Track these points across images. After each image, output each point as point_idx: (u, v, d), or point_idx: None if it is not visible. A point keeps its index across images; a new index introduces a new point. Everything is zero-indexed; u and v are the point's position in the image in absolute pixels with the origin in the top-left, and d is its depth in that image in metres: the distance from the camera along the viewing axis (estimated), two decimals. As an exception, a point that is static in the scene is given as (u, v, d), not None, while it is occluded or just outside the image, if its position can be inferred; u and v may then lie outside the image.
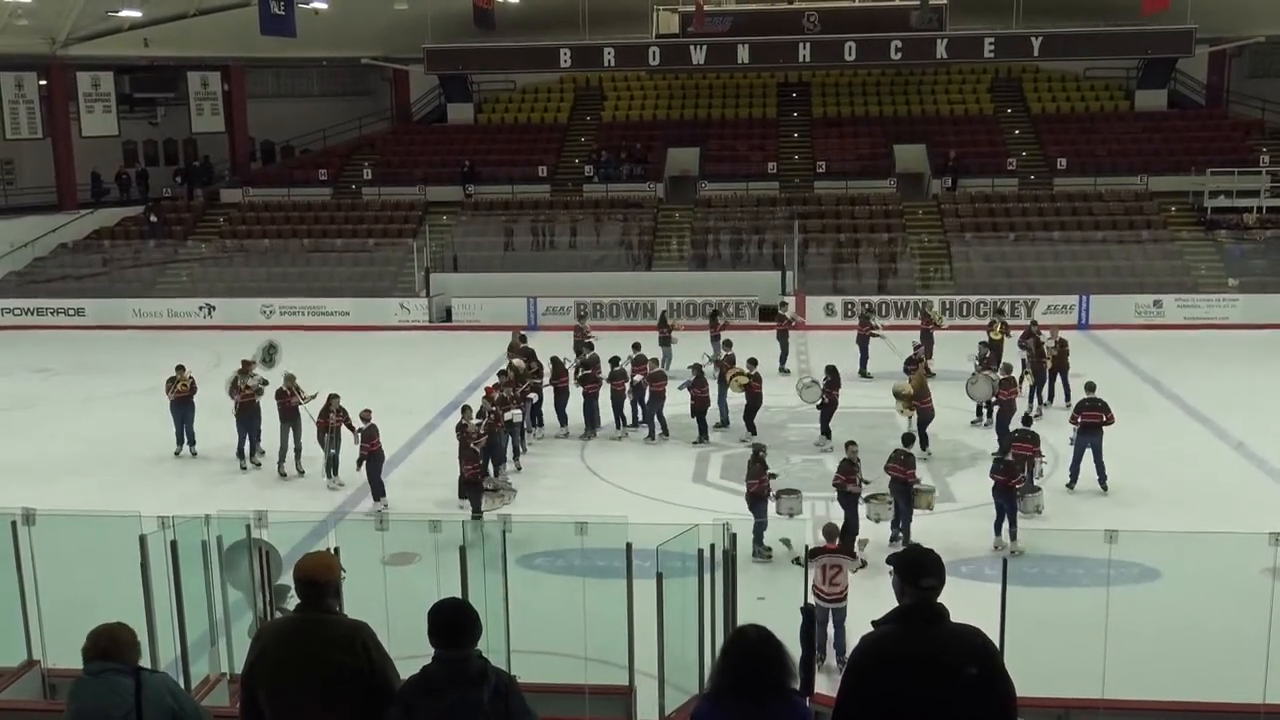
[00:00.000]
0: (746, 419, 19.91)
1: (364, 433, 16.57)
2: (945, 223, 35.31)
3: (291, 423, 18.28)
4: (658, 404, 20.03)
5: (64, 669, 8.65)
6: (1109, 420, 16.60)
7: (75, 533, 11.19)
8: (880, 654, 4.50)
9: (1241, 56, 39.86)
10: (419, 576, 10.61)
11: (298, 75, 43.89)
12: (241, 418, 18.67)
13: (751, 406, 19.89)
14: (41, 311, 33.74)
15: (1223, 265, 32.76)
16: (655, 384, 20.11)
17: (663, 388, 20.13)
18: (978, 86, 41.52)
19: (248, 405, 18.64)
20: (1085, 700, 8.73)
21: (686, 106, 42.20)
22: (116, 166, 40.37)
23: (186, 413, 19.37)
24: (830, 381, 19.66)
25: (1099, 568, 10.36)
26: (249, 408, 18.66)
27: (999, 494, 14.95)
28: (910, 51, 35.78)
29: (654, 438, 19.93)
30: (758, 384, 19.98)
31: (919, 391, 18.99)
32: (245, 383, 18.75)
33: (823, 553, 11.56)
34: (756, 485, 14.95)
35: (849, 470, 14.81)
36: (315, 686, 4.68)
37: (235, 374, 19.07)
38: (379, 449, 16.66)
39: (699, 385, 19.88)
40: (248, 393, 18.64)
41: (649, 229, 36.08)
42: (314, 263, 35.58)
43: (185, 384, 19.36)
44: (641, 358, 20.66)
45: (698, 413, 19.87)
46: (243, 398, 18.61)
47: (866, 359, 24.08)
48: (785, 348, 25.23)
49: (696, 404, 19.85)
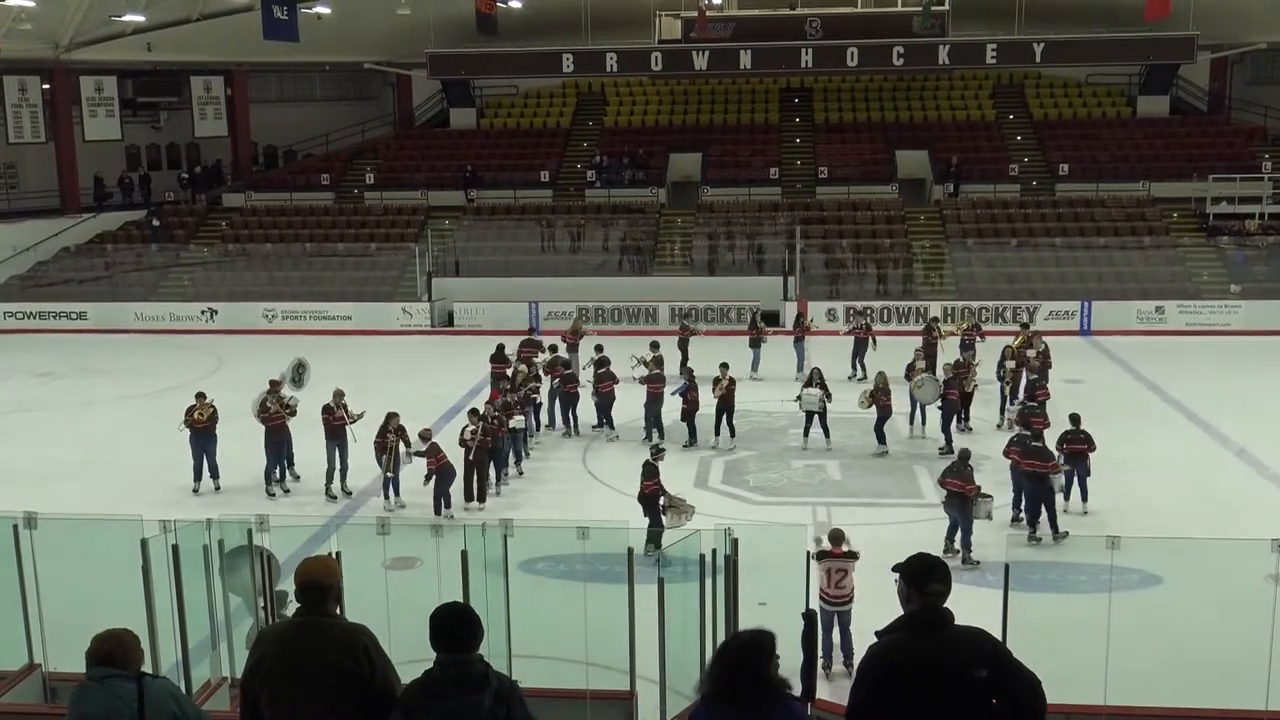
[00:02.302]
0: (726, 421, 19.99)
1: (430, 448, 16.30)
2: (947, 228, 35.32)
3: (338, 441, 17.32)
4: (656, 405, 20.24)
5: (65, 673, 8.65)
6: (1092, 448, 16.42)
7: (77, 536, 11.18)
8: (889, 663, 4.49)
9: (1243, 63, 39.92)
10: (420, 581, 10.61)
11: (300, 80, 43.97)
12: (271, 441, 17.52)
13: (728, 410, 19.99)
14: (44, 315, 33.78)
15: (1225, 271, 32.75)
16: (651, 385, 20.30)
17: (659, 390, 20.31)
18: (980, 92, 41.55)
19: (277, 428, 17.48)
20: (1087, 707, 8.71)
21: (689, 112, 42.24)
22: (119, 171, 40.44)
23: (208, 444, 17.68)
24: (882, 389, 19.59)
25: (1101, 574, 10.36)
26: (279, 430, 17.50)
27: (1031, 480, 15.08)
28: (912, 57, 35.83)
29: (650, 438, 20.00)
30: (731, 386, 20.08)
31: (882, 389, 19.38)
32: (272, 404, 17.60)
33: (829, 556, 11.56)
34: (651, 487, 14.95)
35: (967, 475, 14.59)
36: (316, 690, 4.68)
37: (263, 394, 17.84)
38: (447, 463, 16.36)
39: (691, 389, 20.02)
40: (275, 416, 17.48)
41: (651, 234, 36.10)
42: (316, 267, 35.63)
43: (205, 413, 17.66)
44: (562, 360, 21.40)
45: (689, 416, 20.00)
46: (269, 420, 17.45)
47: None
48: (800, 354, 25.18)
49: (689, 408, 19.98)
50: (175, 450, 17.78)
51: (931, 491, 17.52)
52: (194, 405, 17.84)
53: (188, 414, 17.79)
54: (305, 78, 43.76)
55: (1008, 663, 4.53)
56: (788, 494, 17.56)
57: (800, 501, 17.07)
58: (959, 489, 14.41)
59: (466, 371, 25.21)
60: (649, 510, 14.91)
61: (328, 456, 17.39)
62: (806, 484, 18.04)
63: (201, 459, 17.64)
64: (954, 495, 14.49)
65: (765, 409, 21.60)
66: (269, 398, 17.71)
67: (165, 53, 38.10)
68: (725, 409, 19.87)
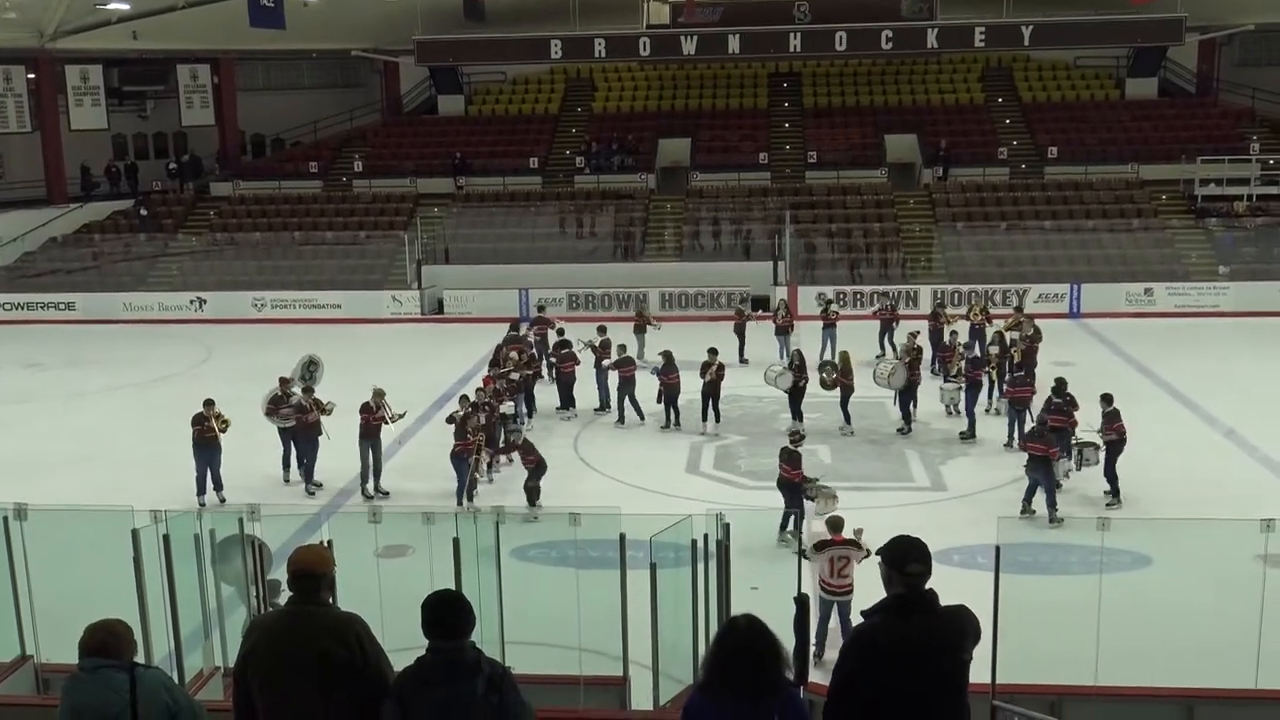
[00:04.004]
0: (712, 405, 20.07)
1: (525, 445, 16.36)
2: (936, 212, 35.34)
3: (372, 442, 16.70)
4: (628, 388, 20.49)
5: (57, 664, 8.65)
6: (1073, 421, 16.65)
7: (67, 528, 11.18)
8: (870, 644, 4.51)
9: (1231, 45, 39.92)
10: (412, 569, 10.61)
11: (287, 68, 43.74)
12: (306, 440, 17.02)
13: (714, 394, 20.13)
14: (31, 306, 33.62)
15: (1213, 253, 32.83)
16: (623, 369, 20.55)
17: (631, 373, 20.58)
18: (968, 76, 41.53)
19: (312, 425, 16.90)
20: (1078, 687, 8.77)
21: (677, 97, 42.16)
22: (106, 160, 40.26)
23: (213, 456, 16.57)
24: (843, 369, 19.98)
25: (1091, 555, 10.42)
26: (314, 428, 16.94)
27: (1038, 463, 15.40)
28: (901, 41, 35.81)
29: (623, 422, 20.21)
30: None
31: (844, 369, 19.86)
32: (304, 401, 17.02)
33: (830, 545, 11.47)
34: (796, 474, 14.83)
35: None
36: (308, 679, 4.67)
37: (272, 392, 17.37)
38: (540, 460, 16.24)
39: (669, 371, 20.12)
40: (311, 416, 16.89)
41: (640, 220, 36.06)
42: (305, 256, 35.54)
43: (220, 424, 16.53)
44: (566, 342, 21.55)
45: (667, 399, 20.16)
46: (306, 420, 16.87)
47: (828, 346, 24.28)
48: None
49: (666, 390, 20.12)
50: (167, 443, 17.72)
51: (923, 475, 17.65)
52: (202, 414, 16.53)
53: (198, 424, 16.49)
54: (292, 65, 43.53)
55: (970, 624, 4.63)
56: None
57: (792, 486, 17.06)
58: (1041, 452, 15.14)
59: (458, 359, 25.18)
60: (791, 496, 14.72)
61: (360, 456, 16.71)
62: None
63: (205, 471, 16.54)
64: (1036, 459, 15.20)
65: (756, 394, 21.60)
66: (303, 397, 17.14)
67: (151, 41, 37.87)
68: (712, 394, 19.92)
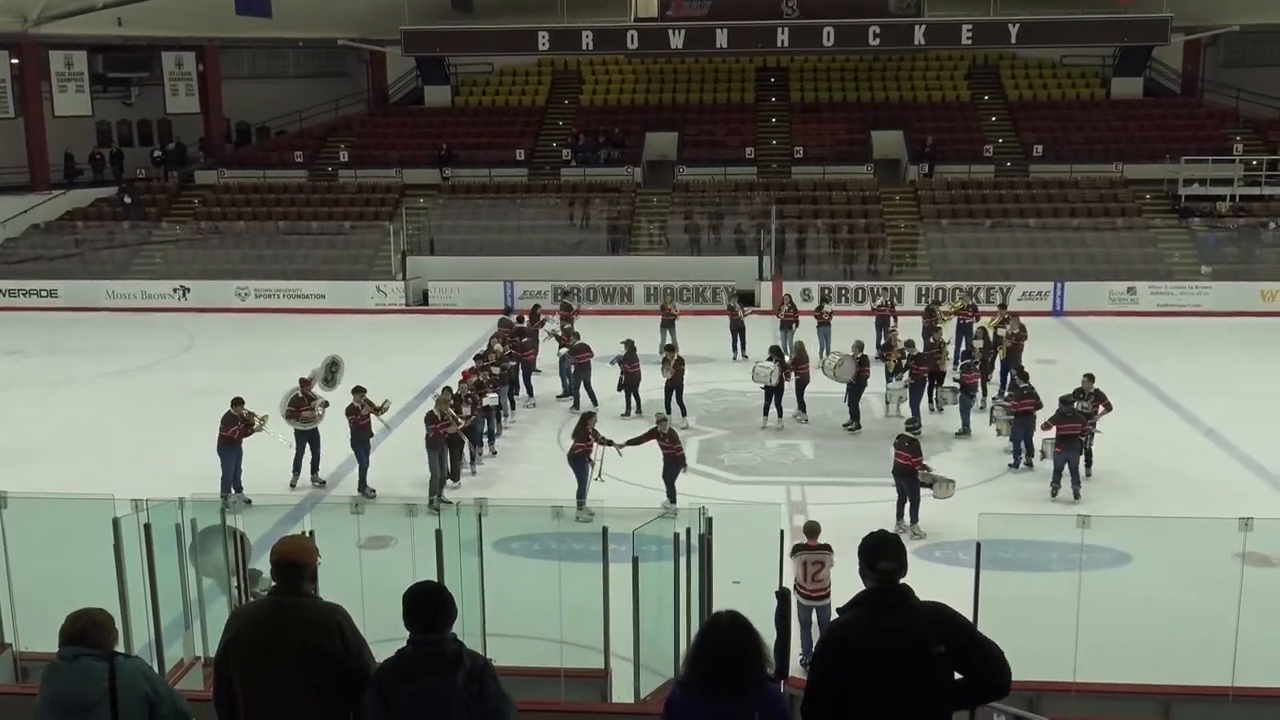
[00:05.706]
0: (676, 399, 20.10)
1: (669, 434, 15.90)
2: (922, 209, 35.41)
3: (364, 443, 16.45)
4: (583, 374, 20.80)
5: (37, 653, 8.62)
6: (1039, 405, 16.84)
7: (48, 516, 11.13)
8: (843, 639, 4.52)
9: (1216, 45, 40.08)
10: (395, 560, 10.60)
11: (273, 56, 43.51)
12: (359, 441, 16.53)
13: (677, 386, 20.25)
14: (13, 293, 33.43)
15: (1196, 253, 32.98)
16: (579, 356, 20.82)
17: (586, 359, 20.81)
18: (955, 73, 41.61)
19: (363, 428, 16.48)
20: (1057, 684, 8.82)
21: (665, 91, 42.12)
22: (90, 147, 39.99)
23: (239, 456, 16.06)
24: (860, 360, 19.91)
25: (1071, 552, 10.43)
26: (365, 429, 16.50)
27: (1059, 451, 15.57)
28: (888, 37, 35.89)
29: (578, 406, 20.27)
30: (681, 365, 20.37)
31: (799, 357, 20.27)
32: (360, 404, 16.48)
33: (804, 549, 11.35)
34: (915, 461, 14.87)
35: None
36: (290, 669, 4.67)
37: (292, 393, 16.91)
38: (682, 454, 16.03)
39: (630, 360, 20.30)
40: (363, 416, 16.41)
41: (627, 213, 36.03)
42: (289, 245, 35.39)
43: (256, 424, 16.09)
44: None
45: (627, 387, 20.38)
46: (358, 420, 16.37)
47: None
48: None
49: (628, 379, 20.34)
50: (149, 431, 17.62)
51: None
52: (233, 413, 15.93)
53: (230, 424, 15.89)
54: (278, 54, 43.30)
55: (969, 636, 4.55)
56: (762, 473, 17.63)
57: (774, 481, 17.13)
58: (1076, 432, 15.38)
59: (442, 350, 25.13)
60: (909, 484, 14.76)
61: (357, 459, 16.52)
62: (781, 463, 18.12)
63: (234, 471, 15.97)
64: (1067, 438, 15.38)
65: (740, 389, 21.63)
66: (357, 398, 16.57)
67: (136, 27, 37.64)
68: (674, 388, 20.03)
